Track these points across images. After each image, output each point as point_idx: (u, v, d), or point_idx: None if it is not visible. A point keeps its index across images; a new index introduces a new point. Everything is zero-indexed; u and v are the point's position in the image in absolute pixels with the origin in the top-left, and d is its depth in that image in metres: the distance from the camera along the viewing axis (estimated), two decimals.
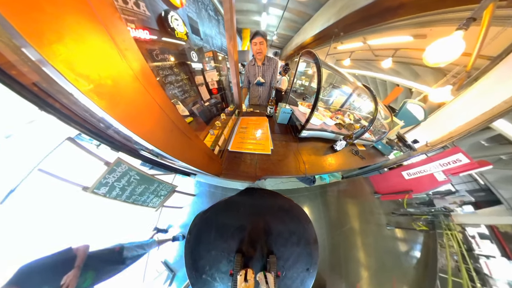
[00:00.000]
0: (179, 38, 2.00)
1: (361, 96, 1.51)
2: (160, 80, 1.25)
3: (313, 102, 0.95)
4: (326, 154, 1.08)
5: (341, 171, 2.16)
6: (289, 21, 5.50)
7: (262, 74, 1.76)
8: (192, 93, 1.68)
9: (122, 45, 0.23)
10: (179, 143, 0.43)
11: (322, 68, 0.89)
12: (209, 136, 0.98)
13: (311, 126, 1.11)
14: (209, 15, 3.76)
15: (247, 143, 1.02)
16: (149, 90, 0.28)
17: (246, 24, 6.51)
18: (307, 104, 1.43)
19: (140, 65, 0.27)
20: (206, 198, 1.78)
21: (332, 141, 1.18)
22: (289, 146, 1.03)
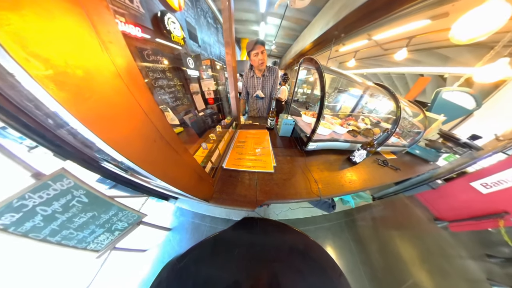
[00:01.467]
0: (176, 42, 2.08)
1: (375, 96, 1.46)
2: (149, 82, 1.25)
3: (318, 110, 0.91)
4: (343, 168, 0.98)
5: (369, 190, 1.78)
6: (287, 29, 5.99)
7: (262, 86, 1.78)
8: (185, 101, 1.67)
9: (106, 37, 0.22)
10: (162, 157, 0.38)
11: (324, 73, 0.88)
12: (201, 150, 0.92)
13: (318, 136, 1.07)
14: (208, 22, 4.05)
15: (246, 160, 0.97)
16: (132, 91, 0.27)
17: (245, 33, 7.03)
18: (312, 113, 1.40)
19: (125, 62, 0.26)
20: (187, 233, 1.40)
21: (348, 152, 1.11)
22: (295, 161, 0.97)
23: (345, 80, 1.24)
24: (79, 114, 0.22)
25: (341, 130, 1.21)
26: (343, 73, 1.16)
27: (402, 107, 1.05)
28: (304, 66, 1.34)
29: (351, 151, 1.08)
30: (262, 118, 1.86)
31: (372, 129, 1.30)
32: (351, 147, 1.14)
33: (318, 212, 1.57)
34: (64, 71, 0.20)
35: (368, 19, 2.76)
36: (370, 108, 1.60)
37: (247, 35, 7.11)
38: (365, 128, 1.32)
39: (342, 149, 1.15)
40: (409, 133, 1.35)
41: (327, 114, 1.53)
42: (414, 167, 1.20)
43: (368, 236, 1.43)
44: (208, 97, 2.22)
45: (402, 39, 3.09)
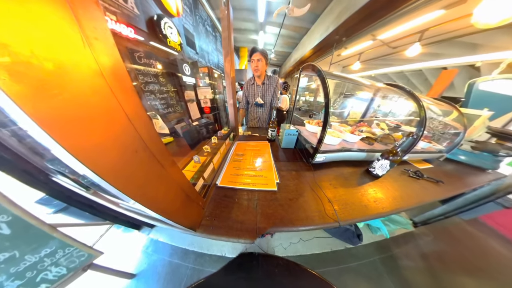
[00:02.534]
0: (172, 47, 2.14)
1: (388, 97, 1.43)
2: (138, 85, 1.24)
3: (324, 118, 0.89)
4: (363, 183, 0.89)
5: (404, 211, 1.46)
6: (286, 37, 6.36)
7: (262, 94, 1.84)
8: (178, 108, 1.66)
9: (91, 32, 0.22)
10: (142, 171, 0.34)
11: (326, 79, 0.87)
12: (192, 164, 0.87)
13: (326, 147, 1.03)
14: (207, 30, 4.23)
15: (244, 176, 0.92)
16: (116, 93, 0.26)
17: (244, 42, 7.40)
18: (316, 122, 1.38)
19: (112, 61, 0.25)
20: (159, 281, 1.07)
21: (365, 163, 1.05)
22: (302, 177, 0.91)
23: (350, 84, 1.23)
24: (35, 112, 0.19)
25: (353, 138, 1.16)
26: (348, 77, 1.16)
27: (426, 106, 0.98)
28: (305, 73, 1.36)
29: (368, 162, 1.01)
30: (262, 129, 1.85)
31: (391, 135, 1.22)
32: (368, 157, 1.07)
33: (339, 245, 1.27)
34: (27, 62, 0.18)
35: (371, 20, 2.82)
36: (384, 111, 1.56)
37: (246, 44, 7.48)
38: (382, 134, 1.25)
39: (357, 160, 1.08)
40: (443, 135, 1.24)
41: (334, 121, 1.50)
42: (464, 178, 1.03)
43: (423, 286, 1.04)
44: (204, 106, 2.22)
45: (413, 34, 3.06)
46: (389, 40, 3.68)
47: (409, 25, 2.91)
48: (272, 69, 10.35)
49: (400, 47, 3.78)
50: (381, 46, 3.98)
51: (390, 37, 3.51)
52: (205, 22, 4.05)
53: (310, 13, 3.82)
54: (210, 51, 4.35)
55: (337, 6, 3.35)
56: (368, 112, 1.53)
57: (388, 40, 3.70)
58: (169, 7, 2.18)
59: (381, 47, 4.06)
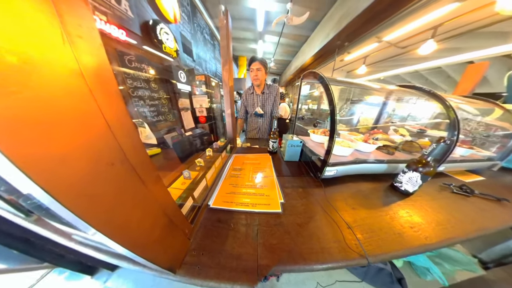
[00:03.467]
0: (167, 53, 2.15)
1: (404, 100, 1.37)
2: (125, 90, 1.23)
3: (330, 127, 0.84)
4: (390, 202, 0.77)
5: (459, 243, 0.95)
6: (285, 46, 6.54)
7: (261, 103, 1.85)
8: (170, 117, 1.61)
9: (75, 30, 0.22)
10: (116, 189, 0.29)
11: (330, 85, 0.85)
12: (181, 180, 0.79)
13: (336, 158, 0.96)
14: (205, 38, 4.35)
15: (242, 194, 0.82)
16: (96, 95, 0.25)
17: (243, 51, 7.63)
18: (322, 131, 1.32)
19: (96, 62, 0.25)
20: None
21: (387, 177, 0.95)
22: (311, 195, 0.82)
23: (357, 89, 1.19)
24: None
25: (367, 148, 1.09)
26: (353, 81, 1.13)
27: (455, 106, 0.91)
28: (306, 81, 1.36)
29: (392, 175, 0.93)
30: (262, 140, 1.81)
31: (415, 142, 1.13)
32: (390, 169, 0.99)
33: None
34: None
35: (374, 22, 2.86)
36: (401, 115, 1.49)
37: (245, 53, 7.74)
38: (403, 141, 1.16)
39: (376, 173, 1.00)
40: (487, 138, 1.13)
41: (342, 129, 1.45)
42: None
43: None
44: (200, 115, 2.19)
45: (424, 32, 3.02)
46: (396, 40, 3.61)
47: (418, 23, 2.86)
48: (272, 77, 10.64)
49: (411, 46, 3.71)
50: (388, 47, 3.95)
51: (397, 37, 3.44)
52: (203, 30, 4.18)
53: (309, 21, 3.95)
54: (208, 59, 4.44)
55: (337, 12, 3.47)
56: (381, 118, 1.46)
57: (396, 41, 3.65)
58: (166, 13, 2.23)
59: (388, 49, 4.04)
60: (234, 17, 4.80)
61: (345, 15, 3.07)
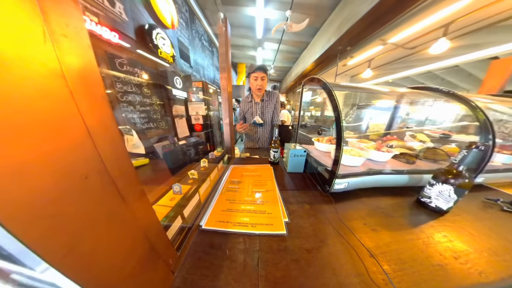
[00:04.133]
0: (163, 58, 2.15)
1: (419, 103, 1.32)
2: (113, 94, 1.20)
3: (336, 134, 0.80)
4: (419, 223, 0.68)
5: None
6: (285, 52, 6.63)
7: (261, 111, 1.83)
8: (162, 124, 1.57)
9: (60, 29, 0.22)
10: (86, 208, 0.26)
11: (333, 91, 0.83)
12: (170, 195, 0.71)
13: (346, 169, 0.89)
14: (203, 45, 4.42)
15: (240, 212, 0.74)
16: (78, 98, 0.24)
17: (242, 58, 7.73)
18: (327, 139, 1.27)
19: (81, 63, 0.24)
20: None
21: (411, 190, 0.89)
22: (320, 212, 0.74)
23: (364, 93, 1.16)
24: None
25: (381, 157, 1.02)
26: (358, 86, 1.10)
27: (483, 106, 0.85)
28: (308, 87, 1.35)
29: (415, 188, 0.86)
30: (263, 150, 1.76)
31: (439, 148, 1.06)
32: (413, 181, 0.91)
33: None
34: None
35: (377, 26, 2.88)
36: (418, 119, 1.41)
37: (244, 60, 7.89)
38: (424, 148, 1.08)
39: (395, 185, 0.92)
40: None
41: (350, 137, 1.39)
42: None
43: None
44: (195, 123, 2.14)
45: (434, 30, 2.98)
46: (403, 41, 3.58)
47: (426, 22, 2.83)
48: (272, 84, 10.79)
49: (420, 46, 3.68)
50: (395, 49, 3.94)
51: (404, 38, 3.40)
52: (201, 37, 4.26)
53: (309, 27, 4.02)
54: (206, 66, 4.49)
55: (337, 17, 3.55)
56: (394, 123, 1.40)
57: (403, 42, 3.61)
58: (164, 19, 2.26)
59: (394, 51, 4.01)
60: (233, 24, 4.93)
61: (346, 20, 3.13)
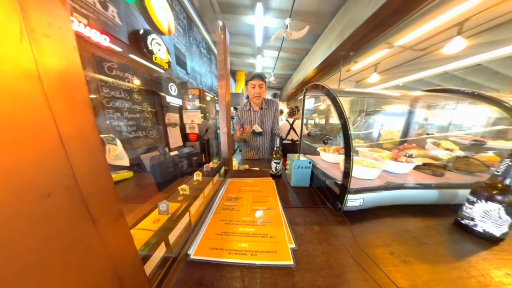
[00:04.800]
0: (157, 64, 2.13)
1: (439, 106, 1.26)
2: (97, 99, 1.18)
3: (344, 144, 0.76)
4: (466, 254, 0.56)
5: None
6: (285, 60, 6.75)
7: (260, 120, 1.83)
8: (152, 133, 1.51)
9: (41, 28, 0.22)
10: (42, 236, 0.22)
11: (338, 97, 0.82)
12: (154, 216, 0.63)
13: (359, 183, 0.81)
14: (201, 52, 4.47)
15: (237, 236, 0.65)
16: (53, 102, 0.23)
17: (241, 66, 7.87)
18: (335, 148, 1.22)
19: (64, 65, 0.24)
20: None
21: (444, 209, 0.79)
22: (333, 236, 0.65)
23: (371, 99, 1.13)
24: None
25: (401, 168, 0.93)
26: (364, 91, 1.08)
27: None
28: (310, 94, 1.34)
29: (449, 206, 0.78)
30: (263, 162, 1.72)
31: (473, 157, 0.97)
32: (445, 197, 0.81)
33: None
34: None
35: (381, 29, 2.89)
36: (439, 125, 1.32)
37: (243, 67, 8.03)
38: (453, 158, 1.00)
39: (424, 203, 0.82)
40: None
41: (360, 146, 1.34)
42: None
43: None
44: (190, 132, 2.09)
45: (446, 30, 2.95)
46: (412, 43, 3.54)
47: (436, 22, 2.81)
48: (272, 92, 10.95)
49: (432, 47, 3.63)
50: (402, 51, 3.91)
51: (412, 40, 3.37)
52: (199, 44, 4.32)
53: (309, 34, 4.05)
54: (203, 73, 4.52)
55: (338, 23, 3.62)
56: (410, 129, 1.34)
57: (411, 44, 3.58)
58: (160, 25, 2.28)
59: (402, 53, 3.98)
60: (232, 32, 5.03)
61: (348, 25, 3.18)
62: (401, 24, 2.80)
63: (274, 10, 3.94)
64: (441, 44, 3.27)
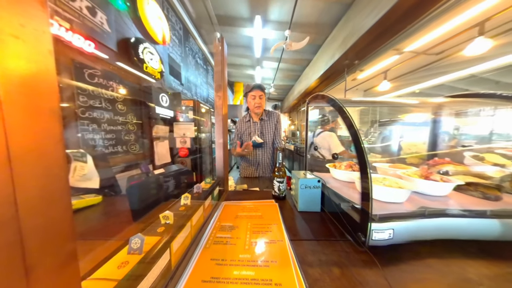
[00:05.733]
0: (148, 73, 2.10)
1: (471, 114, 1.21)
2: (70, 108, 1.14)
3: (358, 159, 0.69)
4: None
5: None
6: (286, 71, 6.89)
7: (260, 132, 1.81)
8: (134, 148, 1.43)
9: (10, 28, 0.21)
10: None
11: (345, 108, 0.79)
12: (120, 257, 0.50)
13: (384, 207, 0.71)
14: (197, 63, 4.52)
15: (232, 284, 0.52)
16: (7, 110, 0.21)
17: (239, 77, 8.02)
18: (347, 164, 1.14)
19: (31, 69, 0.23)
20: None
21: (504, 247, 0.64)
22: (360, 284, 0.51)
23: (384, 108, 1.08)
24: None
25: (436, 189, 0.81)
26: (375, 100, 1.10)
27: None
28: (314, 105, 1.35)
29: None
30: (264, 180, 1.63)
31: None
32: (510, 230, 0.65)
33: None
34: None
35: (387, 36, 2.89)
36: (477, 135, 1.24)
37: (242, 79, 8.20)
38: (509, 176, 0.87)
39: (480, 238, 0.67)
40: None
41: (377, 161, 1.26)
42: None
43: None
44: (181, 146, 2.00)
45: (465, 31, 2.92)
46: (425, 47, 3.52)
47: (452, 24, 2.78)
48: (273, 104, 11.08)
49: (449, 50, 3.58)
50: (415, 57, 3.90)
51: (425, 44, 3.35)
52: (195, 54, 4.40)
53: (310, 45, 4.16)
54: (198, 84, 4.55)
55: (340, 33, 3.73)
56: (439, 141, 1.25)
57: (424, 48, 3.56)
58: (154, 34, 2.31)
59: (415, 58, 3.96)
60: (230, 44, 5.16)
61: (350, 34, 3.26)
62: (410, 30, 2.80)
63: (273, 22, 4.08)
64: (461, 46, 3.20)
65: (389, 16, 2.37)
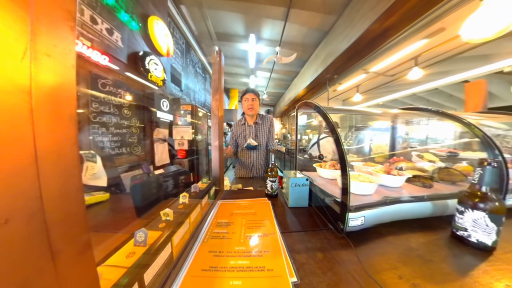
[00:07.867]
0: (152, 81, 2.10)
1: (415, 122, 1.39)
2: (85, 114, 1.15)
3: (339, 159, 0.75)
4: (467, 268, 0.54)
5: None
6: (277, 80, 7.21)
7: (255, 135, 1.78)
8: (137, 149, 1.44)
9: (46, 48, 0.23)
10: None
11: (328, 114, 0.87)
12: (127, 249, 0.51)
13: (358, 199, 0.77)
14: (196, 71, 4.53)
15: (229, 272, 0.54)
16: (37, 116, 0.22)
17: (235, 85, 8.09)
18: (331, 163, 1.19)
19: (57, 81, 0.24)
20: None
21: (439, 221, 0.79)
22: (338, 263, 0.56)
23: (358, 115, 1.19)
24: None
25: (395, 181, 0.93)
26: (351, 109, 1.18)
27: (475, 123, 0.92)
28: (302, 111, 1.39)
29: (442, 218, 0.78)
30: (257, 180, 1.62)
31: (452, 168, 1.02)
32: (438, 208, 0.81)
33: None
34: None
35: (357, 59, 3.47)
36: (419, 139, 1.44)
37: (237, 86, 8.29)
38: (437, 169, 1.04)
39: (420, 216, 0.81)
40: None
41: (354, 160, 1.35)
42: None
43: None
44: (179, 148, 1.98)
45: (407, 61, 3.67)
46: (383, 70, 4.30)
47: (398, 56, 3.49)
48: (266, 109, 11.16)
49: (399, 74, 4.42)
50: (377, 76, 4.63)
51: (383, 67, 4.12)
52: (195, 64, 4.42)
53: (297, 60, 4.45)
54: (197, 90, 4.57)
55: (321, 52, 4.19)
56: (396, 143, 1.41)
57: (383, 71, 4.32)
58: (160, 48, 2.36)
59: (377, 78, 4.72)
60: (227, 55, 5.21)
61: (329, 54, 3.70)
62: (373, 55, 3.39)
63: (265, 40, 4.32)
64: (405, 72, 4.05)
65: (358, 42, 2.84)
